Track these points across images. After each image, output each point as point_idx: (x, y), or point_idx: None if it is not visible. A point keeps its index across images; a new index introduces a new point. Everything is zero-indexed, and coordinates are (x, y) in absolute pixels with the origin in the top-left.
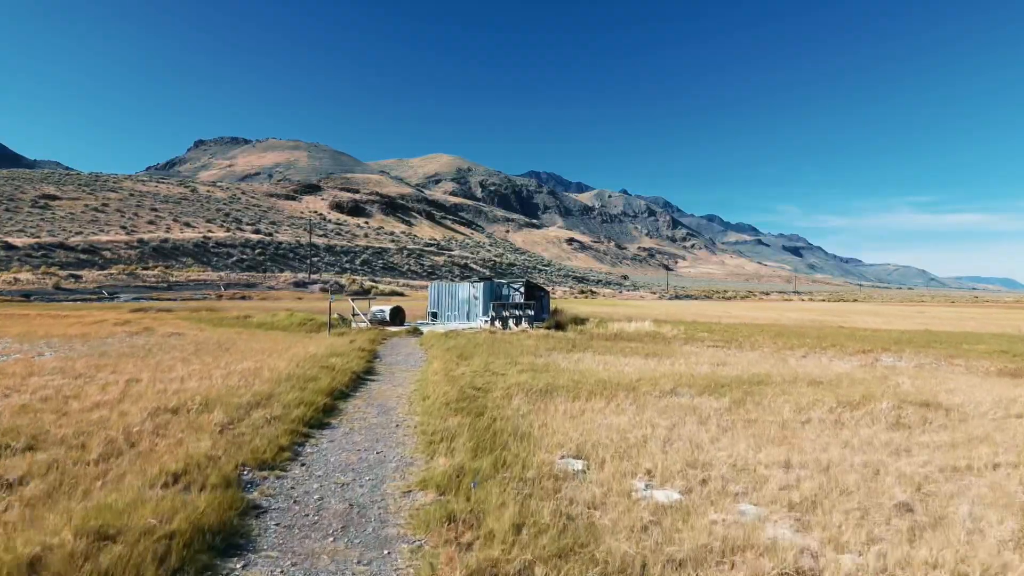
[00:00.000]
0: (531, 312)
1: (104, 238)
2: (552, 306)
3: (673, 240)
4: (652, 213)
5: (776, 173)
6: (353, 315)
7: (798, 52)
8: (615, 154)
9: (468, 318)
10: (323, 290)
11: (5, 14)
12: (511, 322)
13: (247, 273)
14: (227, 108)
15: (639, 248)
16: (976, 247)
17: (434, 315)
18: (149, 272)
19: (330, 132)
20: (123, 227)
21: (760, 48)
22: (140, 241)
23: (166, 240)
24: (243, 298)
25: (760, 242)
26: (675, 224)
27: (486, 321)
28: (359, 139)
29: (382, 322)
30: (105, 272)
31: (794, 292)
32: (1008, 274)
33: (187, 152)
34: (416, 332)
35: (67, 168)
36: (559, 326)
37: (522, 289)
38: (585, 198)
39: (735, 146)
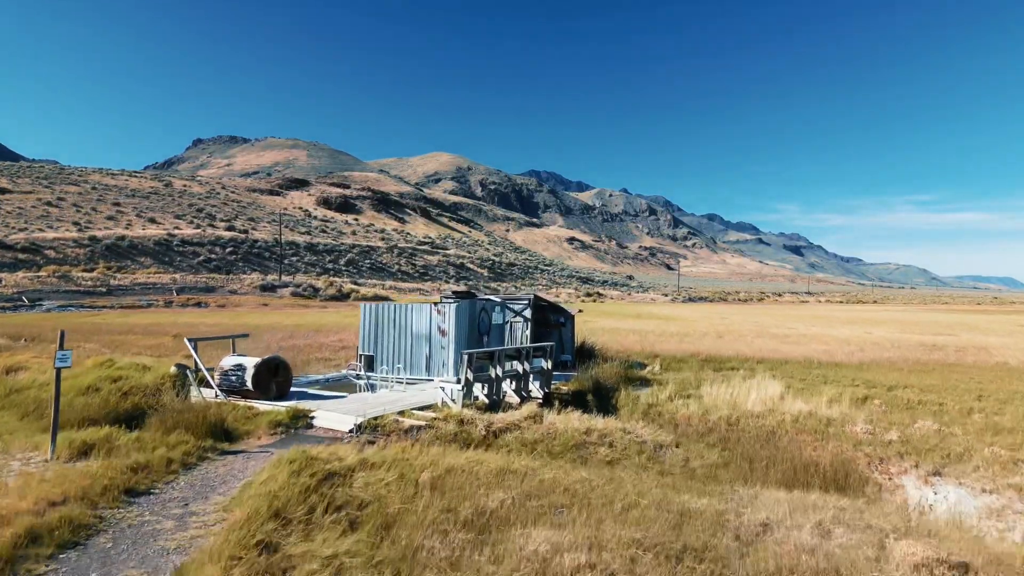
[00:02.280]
0: (545, 363)
1: (50, 235)
2: (577, 338)
3: (674, 239)
4: (653, 212)
5: (776, 172)
6: (195, 371)
7: (797, 50)
8: (615, 153)
9: (427, 371)
10: (295, 294)
11: (5, 14)
12: (508, 386)
13: (209, 275)
14: (226, 107)
15: (640, 247)
16: (976, 246)
17: (370, 362)
18: (87, 274)
19: (329, 131)
20: (76, 223)
21: (759, 46)
22: (92, 239)
23: (123, 237)
24: (197, 304)
25: (761, 241)
26: (676, 223)
27: (458, 385)
28: (359, 138)
29: (239, 391)
30: (32, 275)
31: (807, 293)
32: (1008, 273)
33: (185, 151)
34: (295, 424)
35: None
36: (600, 389)
37: (528, 312)
38: (585, 197)
39: (735, 145)
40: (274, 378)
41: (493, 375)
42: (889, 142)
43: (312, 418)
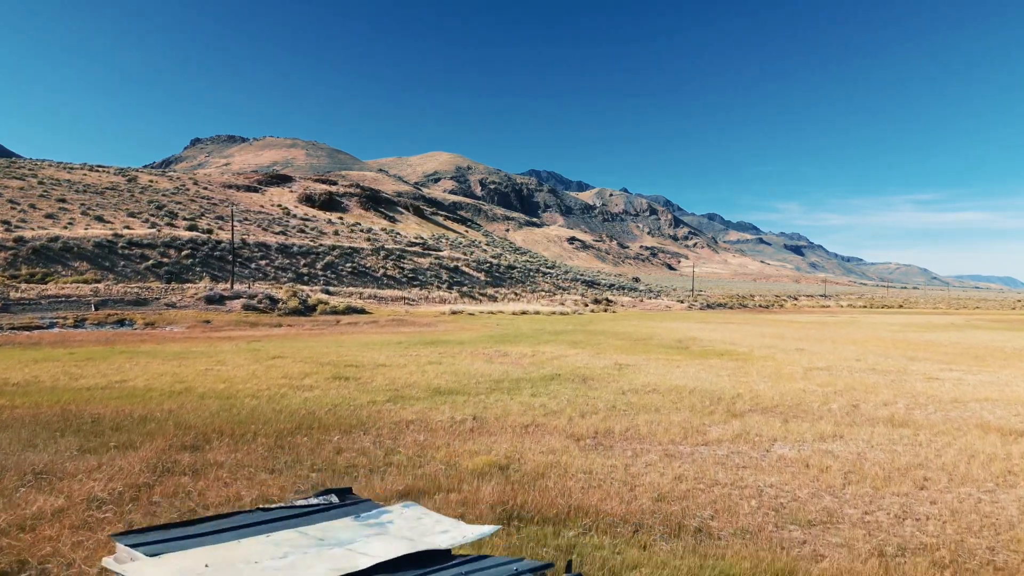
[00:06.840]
0: None
1: None
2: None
3: (675, 239)
4: (653, 212)
5: (776, 172)
6: None
7: (798, 49)
8: (615, 153)
9: None
10: (247, 307)
11: (4, 14)
12: None
13: (147, 283)
14: (225, 107)
15: (641, 247)
16: (977, 246)
17: None
18: None
19: (329, 131)
20: (5, 222)
21: (759, 45)
22: (18, 240)
23: (56, 238)
24: (120, 322)
25: (762, 240)
26: (677, 223)
27: None
28: (358, 138)
29: None
30: None
31: (822, 296)
32: (1009, 273)
33: (183, 151)
34: None
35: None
36: None
37: None
38: (586, 196)
39: (735, 145)
40: None
41: None
42: (889, 142)
43: None
